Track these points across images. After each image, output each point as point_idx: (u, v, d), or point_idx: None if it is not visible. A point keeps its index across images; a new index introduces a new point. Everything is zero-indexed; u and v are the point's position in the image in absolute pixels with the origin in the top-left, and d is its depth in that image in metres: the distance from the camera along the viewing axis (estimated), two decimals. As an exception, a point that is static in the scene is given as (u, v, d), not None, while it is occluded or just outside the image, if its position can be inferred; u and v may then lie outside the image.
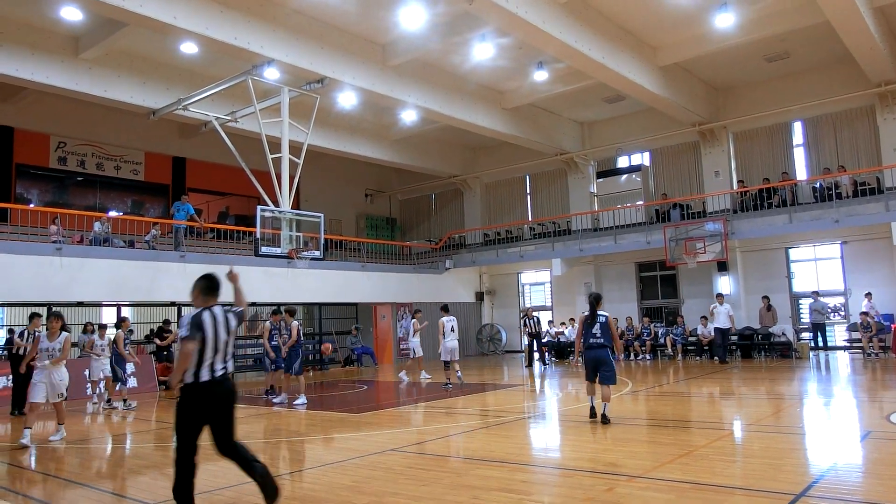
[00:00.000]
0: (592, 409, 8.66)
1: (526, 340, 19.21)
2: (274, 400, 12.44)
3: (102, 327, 13.39)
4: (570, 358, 20.69)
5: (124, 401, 12.58)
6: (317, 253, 14.92)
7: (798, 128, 20.34)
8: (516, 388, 13.86)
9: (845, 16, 13.87)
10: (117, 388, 12.75)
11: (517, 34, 14.83)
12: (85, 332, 15.15)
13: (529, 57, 17.34)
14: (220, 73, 16.09)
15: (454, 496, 5.34)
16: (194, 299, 5.23)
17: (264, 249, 13.82)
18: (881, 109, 18.21)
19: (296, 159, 15.05)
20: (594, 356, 8.51)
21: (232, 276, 5.56)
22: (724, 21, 15.05)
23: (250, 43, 13.78)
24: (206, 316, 5.03)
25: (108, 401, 12.61)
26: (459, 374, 14.10)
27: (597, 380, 8.54)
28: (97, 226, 16.43)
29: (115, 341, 12.73)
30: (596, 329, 8.53)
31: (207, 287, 5.21)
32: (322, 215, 15.17)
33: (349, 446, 8.03)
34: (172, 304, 17.03)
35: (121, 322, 13.42)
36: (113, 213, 19.53)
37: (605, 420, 8.33)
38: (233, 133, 17.15)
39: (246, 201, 23.52)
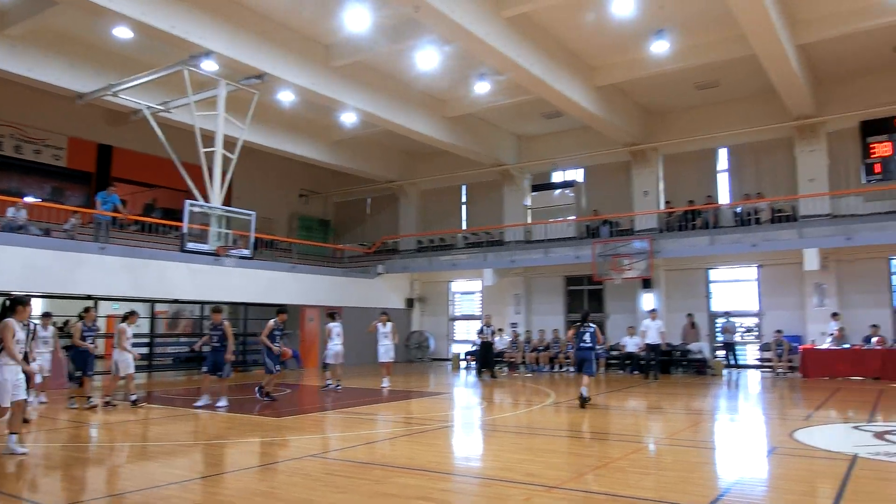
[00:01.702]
0: (581, 396, 11.05)
1: (474, 348, 19.13)
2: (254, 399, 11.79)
3: (47, 316, 12.65)
4: (497, 367, 20.87)
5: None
6: (246, 251, 14.62)
7: (723, 154, 21.27)
8: (442, 396, 13.90)
9: (771, 50, 14.62)
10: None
11: (461, 44, 14.95)
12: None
13: (472, 68, 17.50)
14: (155, 60, 15.56)
15: (372, 504, 5.30)
16: None
17: (190, 245, 13.45)
18: (799, 142, 19.21)
19: (229, 154, 14.72)
20: (582, 356, 11.51)
21: None
22: (660, 47, 15.59)
23: (189, 33, 13.40)
24: None
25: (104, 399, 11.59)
26: (330, 380, 14.50)
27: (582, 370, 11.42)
28: (11, 211, 15.63)
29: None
30: (586, 336, 11.41)
31: None
32: (254, 213, 14.87)
33: (267, 451, 7.88)
34: (89, 297, 16.29)
35: (128, 315, 12.01)
36: (30, 199, 18.57)
37: (583, 398, 11.04)
38: (165, 123, 16.61)
39: (174, 195, 22.70)
